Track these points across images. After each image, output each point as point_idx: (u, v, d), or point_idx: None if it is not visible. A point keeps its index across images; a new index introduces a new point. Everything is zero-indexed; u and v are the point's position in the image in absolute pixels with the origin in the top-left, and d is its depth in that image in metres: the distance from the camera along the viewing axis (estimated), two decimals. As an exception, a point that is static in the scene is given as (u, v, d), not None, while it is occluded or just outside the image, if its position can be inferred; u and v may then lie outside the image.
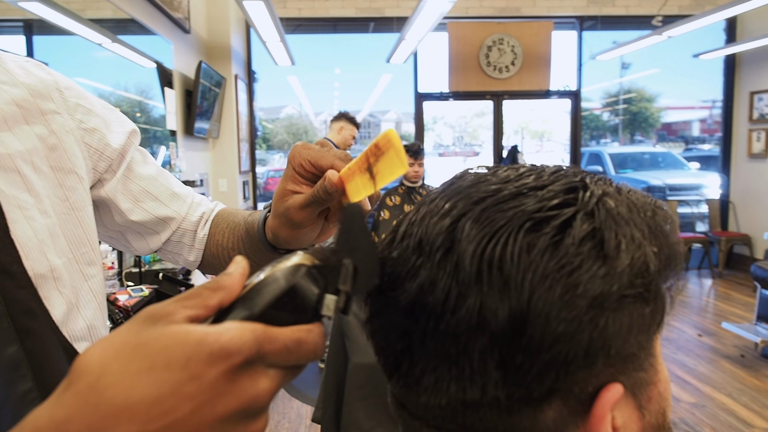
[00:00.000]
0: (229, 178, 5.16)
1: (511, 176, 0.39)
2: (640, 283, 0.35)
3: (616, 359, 0.35)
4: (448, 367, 0.36)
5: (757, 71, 6.06)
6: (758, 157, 6.09)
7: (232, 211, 0.83)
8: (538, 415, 0.35)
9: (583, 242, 0.34)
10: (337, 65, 10.32)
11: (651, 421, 0.39)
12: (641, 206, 0.38)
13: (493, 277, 0.34)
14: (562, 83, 6.14)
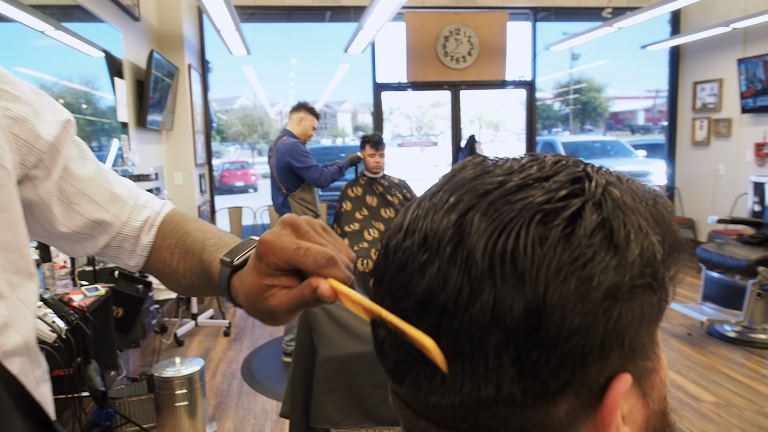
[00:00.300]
0: (185, 171, 5.03)
1: (515, 167, 0.39)
2: (649, 272, 0.35)
3: (628, 350, 0.35)
4: (462, 365, 0.35)
5: (700, 62, 6.31)
6: (701, 145, 6.35)
7: (182, 222, 0.75)
8: (551, 409, 0.35)
9: (594, 233, 0.34)
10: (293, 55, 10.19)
11: (654, 408, 0.39)
12: (642, 195, 0.38)
13: (506, 271, 0.33)
14: (517, 73, 6.23)
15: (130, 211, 0.73)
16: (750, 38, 5.61)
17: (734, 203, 5.81)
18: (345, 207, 3.71)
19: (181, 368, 2.75)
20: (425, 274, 0.36)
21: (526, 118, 6.37)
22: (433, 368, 0.36)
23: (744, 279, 3.90)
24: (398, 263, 0.38)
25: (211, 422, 2.97)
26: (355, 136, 11.90)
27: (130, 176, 3.90)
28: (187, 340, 4.26)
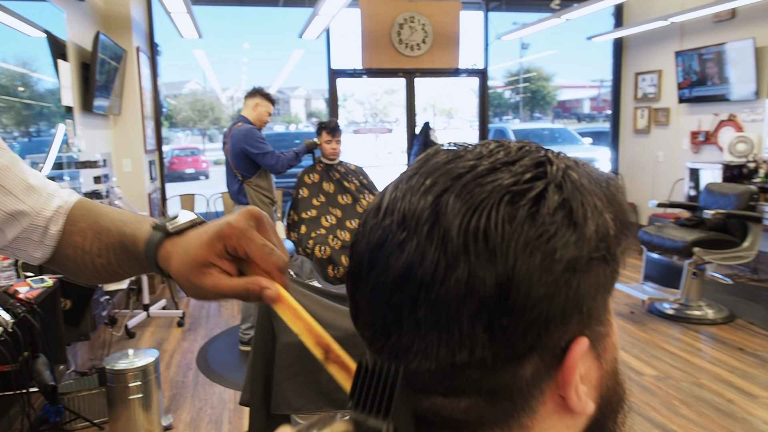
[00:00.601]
0: (134, 158, 4.90)
1: (484, 152, 0.42)
2: (603, 246, 0.39)
3: (585, 316, 0.40)
4: (438, 333, 0.38)
5: (641, 54, 6.56)
6: (642, 133, 6.63)
7: (93, 207, 0.73)
8: (518, 371, 0.39)
9: (556, 212, 0.38)
10: (246, 39, 9.95)
11: (607, 369, 0.44)
12: (597, 178, 0.43)
13: (479, 247, 0.37)
14: (470, 62, 6.32)
15: (44, 201, 0.71)
16: (686, 32, 5.87)
17: (672, 188, 6.10)
18: (302, 194, 3.71)
19: (135, 360, 2.70)
20: (404, 250, 0.39)
21: (478, 106, 6.48)
22: (411, 337, 0.39)
23: (681, 259, 4.13)
24: (377, 240, 0.41)
25: (167, 414, 2.95)
26: (309, 123, 11.78)
27: (77, 163, 3.78)
28: (138, 331, 4.18)
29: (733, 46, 5.23)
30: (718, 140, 5.61)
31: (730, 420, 2.71)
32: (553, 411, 0.42)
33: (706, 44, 5.54)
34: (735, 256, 4.06)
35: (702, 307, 4.13)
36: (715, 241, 4.05)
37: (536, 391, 0.40)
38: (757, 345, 3.60)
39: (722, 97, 5.48)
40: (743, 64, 5.17)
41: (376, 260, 0.41)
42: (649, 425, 2.67)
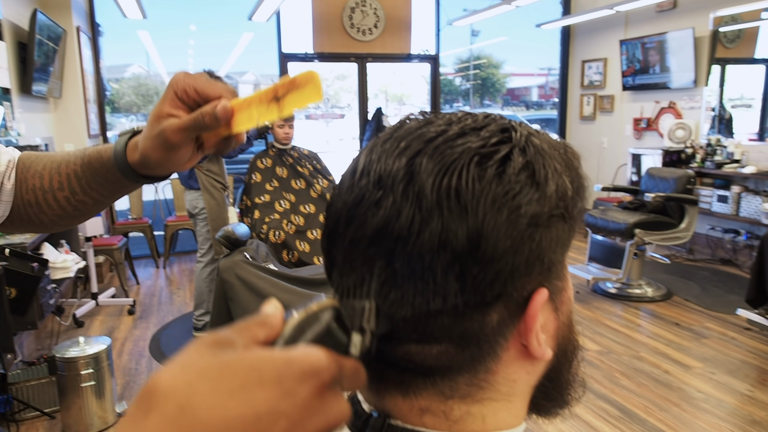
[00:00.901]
0: (77, 143, 4.72)
1: (453, 119, 0.46)
2: (562, 205, 0.44)
3: (546, 268, 0.44)
4: (414, 283, 0.41)
5: (588, 42, 6.76)
6: (588, 120, 6.85)
7: (41, 154, 0.75)
8: (485, 318, 0.43)
9: (521, 172, 0.42)
10: (192, 21, 9.62)
11: (563, 320, 0.49)
12: (555, 144, 0.47)
13: (452, 203, 0.40)
14: (421, 47, 6.36)
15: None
16: (630, 21, 6.08)
17: (616, 173, 6.34)
18: (254, 179, 3.68)
19: (86, 347, 2.65)
20: (381, 207, 0.42)
21: (430, 92, 6.54)
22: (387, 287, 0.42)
23: (623, 241, 4.32)
24: (354, 199, 0.44)
25: (121, 401, 2.90)
26: (259, 108, 11.65)
27: (17, 147, 3.62)
28: (87, 320, 4.07)
29: (674, 35, 5.45)
30: (658, 127, 5.86)
31: (667, 389, 2.88)
32: (515, 357, 0.46)
33: (648, 33, 5.76)
34: (673, 237, 4.28)
35: (642, 286, 4.34)
36: (655, 223, 4.25)
37: (501, 338, 0.44)
38: (691, 320, 3.82)
39: (663, 85, 5.72)
40: (683, 53, 5.41)
41: (353, 217, 0.44)
42: (593, 396, 2.81)
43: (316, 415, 0.33)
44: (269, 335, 0.37)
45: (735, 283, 4.49)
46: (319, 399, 0.33)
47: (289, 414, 0.31)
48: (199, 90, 0.59)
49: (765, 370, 3.07)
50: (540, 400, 0.51)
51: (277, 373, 0.32)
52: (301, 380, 0.32)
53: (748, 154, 5.04)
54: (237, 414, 0.30)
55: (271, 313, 0.38)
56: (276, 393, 0.31)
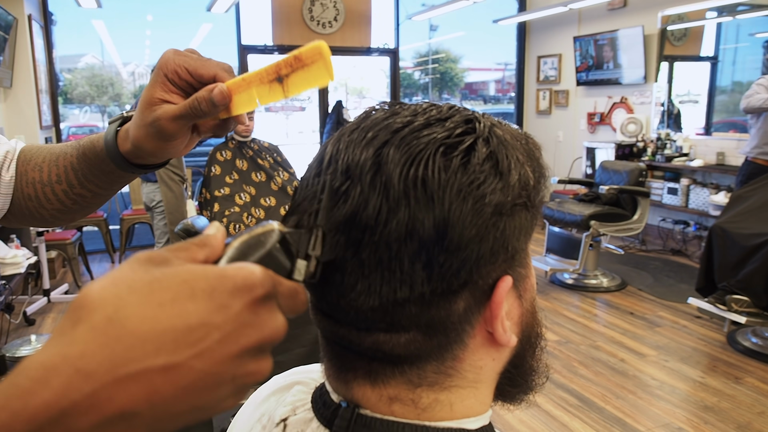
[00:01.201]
0: (29, 135, 4.54)
1: (418, 110, 0.47)
2: (525, 194, 0.45)
3: (510, 256, 0.45)
4: (381, 272, 0.42)
5: (543, 38, 6.90)
6: (544, 114, 7.00)
7: (42, 146, 0.73)
8: (452, 306, 0.44)
9: (485, 162, 0.43)
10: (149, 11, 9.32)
11: (527, 307, 0.50)
12: (517, 135, 0.48)
13: (418, 193, 0.41)
14: (381, 41, 6.36)
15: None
16: (583, 18, 6.23)
17: (571, 166, 6.50)
18: (214, 171, 3.61)
19: (38, 346, 2.57)
20: (348, 197, 0.42)
21: (390, 86, 6.55)
22: (355, 277, 0.42)
23: (579, 232, 4.44)
24: (322, 188, 0.44)
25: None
26: (216, 101, 11.41)
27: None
28: (38, 318, 3.92)
29: (625, 32, 5.62)
30: (611, 121, 6.04)
31: (623, 377, 2.98)
32: (481, 344, 0.47)
33: (601, 30, 5.91)
34: (626, 228, 4.43)
35: (598, 276, 4.47)
36: (609, 214, 4.39)
37: (467, 326, 0.45)
38: (645, 309, 3.96)
39: (615, 80, 5.88)
40: (633, 50, 5.58)
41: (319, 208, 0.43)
42: (552, 386, 2.89)
43: (250, 328, 0.33)
44: (209, 256, 0.36)
45: (685, 273, 4.68)
46: (252, 313, 0.33)
47: (222, 326, 0.31)
48: (192, 70, 0.55)
49: (715, 357, 3.21)
50: (505, 387, 0.53)
51: (210, 286, 0.32)
52: (234, 294, 0.32)
53: (695, 148, 5.24)
54: (167, 325, 0.30)
55: (212, 234, 0.38)
56: (208, 306, 0.31)
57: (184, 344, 0.30)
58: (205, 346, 0.31)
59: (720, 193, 4.76)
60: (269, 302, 0.34)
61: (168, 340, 0.30)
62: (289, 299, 0.37)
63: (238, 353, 0.32)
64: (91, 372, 0.28)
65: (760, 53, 5.44)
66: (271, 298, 0.34)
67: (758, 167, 3.99)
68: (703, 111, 5.81)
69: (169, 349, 0.30)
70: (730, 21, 5.52)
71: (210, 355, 0.31)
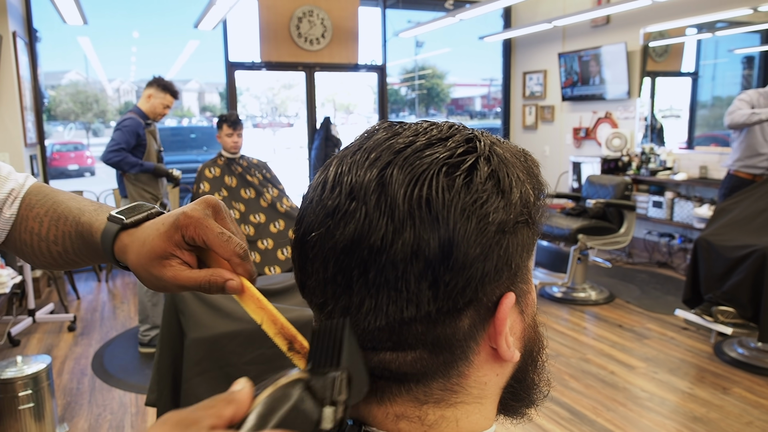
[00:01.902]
0: (13, 152, 4.49)
1: (419, 130, 0.47)
2: (526, 212, 0.45)
3: (513, 273, 0.46)
4: (388, 292, 0.42)
5: (528, 54, 6.99)
6: (530, 129, 7.07)
7: (50, 192, 0.71)
8: (457, 324, 0.44)
9: (487, 181, 0.44)
10: (135, 28, 9.31)
11: (528, 322, 0.51)
12: (516, 153, 0.49)
13: (423, 213, 0.42)
14: (368, 58, 6.42)
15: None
16: (568, 35, 6.34)
17: (558, 180, 6.56)
18: (203, 188, 3.60)
19: (24, 367, 2.51)
20: (354, 218, 0.43)
21: (378, 102, 6.59)
22: (361, 297, 0.43)
23: (567, 246, 4.48)
24: (326, 211, 0.44)
25: (62, 423, 2.77)
26: (203, 117, 11.34)
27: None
28: (23, 339, 3.86)
29: (608, 49, 5.71)
30: (596, 136, 6.11)
31: (613, 390, 2.99)
32: (485, 360, 0.47)
33: (585, 47, 6.01)
34: (613, 241, 4.47)
35: (586, 290, 4.50)
36: (596, 228, 4.43)
37: (472, 342, 0.46)
38: (633, 321, 3.99)
39: (600, 96, 5.97)
40: (617, 66, 5.67)
41: (326, 228, 0.44)
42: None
43: None
44: (237, 413, 0.37)
45: (672, 285, 4.72)
46: None
47: None
48: (210, 244, 0.53)
49: (703, 368, 3.24)
50: (508, 401, 0.53)
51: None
52: None
53: (679, 162, 5.32)
54: None
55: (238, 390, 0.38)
56: None
57: None
58: None
59: (704, 205, 4.83)
60: None
61: None
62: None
63: None
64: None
65: (739, 69, 5.57)
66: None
67: (740, 180, 4.06)
68: (685, 125, 5.91)
69: None
70: (709, 38, 5.64)
71: None
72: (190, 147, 9.11)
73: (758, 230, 3.23)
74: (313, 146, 5.90)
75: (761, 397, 2.87)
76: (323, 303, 0.46)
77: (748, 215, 3.36)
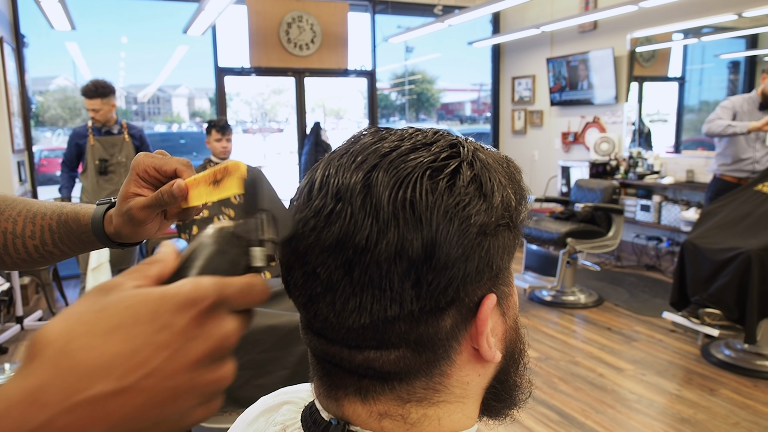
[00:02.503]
0: (1, 159, 4.46)
1: (404, 135, 0.49)
2: (507, 215, 0.47)
3: (494, 275, 0.47)
4: (372, 291, 0.43)
5: (517, 59, 7.04)
6: (519, 133, 7.12)
7: (16, 198, 0.78)
8: (440, 323, 0.45)
9: (469, 185, 0.45)
10: (124, 33, 9.27)
11: (510, 324, 0.52)
12: (498, 159, 0.51)
13: (407, 214, 0.43)
14: (358, 63, 6.44)
15: None
16: (556, 40, 6.39)
17: (547, 184, 6.61)
18: (192, 194, 3.60)
19: (12, 375, 2.49)
20: (339, 219, 0.44)
21: (367, 107, 6.61)
22: (346, 296, 0.44)
23: (556, 249, 4.51)
24: (312, 211, 0.46)
25: None
26: (193, 122, 11.32)
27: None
28: (11, 346, 3.82)
29: (596, 54, 5.77)
30: (585, 140, 6.16)
31: (602, 392, 3.01)
32: (467, 360, 0.49)
33: (572, 52, 6.07)
34: (602, 245, 4.50)
35: (575, 293, 4.53)
36: (585, 231, 4.46)
37: (454, 342, 0.47)
38: (621, 324, 4.02)
39: (588, 101, 6.03)
40: (604, 71, 5.73)
41: (312, 229, 0.45)
42: (533, 402, 2.90)
43: (197, 340, 0.35)
44: (162, 271, 0.38)
45: (660, 288, 4.76)
46: (198, 326, 0.35)
47: (168, 344, 0.34)
48: (157, 167, 0.65)
49: (690, 370, 3.27)
50: (491, 402, 0.54)
51: (152, 309, 0.34)
52: (176, 312, 0.34)
53: (666, 166, 5.38)
54: (114, 351, 0.32)
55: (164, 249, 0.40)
56: (151, 327, 0.33)
57: (132, 367, 0.33)
58: (154, 366, 0.33)
59: (690, 209, 4.88)
60: (216, 311, 0.36)
61: (116, 365, 0.32)
62: (243, 296, 0.38)
63: (190, 365, 0.34)
64: (46, 402, 0.31)
65: (725, 74, 5.64)
66: (217, 306, 0.36)
67: (726, 183, 4.11)
68: (672, 130, 5.97)
69: (118, 374, 0.32)
70: (695, 43, 5.71)
71: (160, 373, 0.33)
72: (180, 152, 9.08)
73: (744, 233, 3.27)
74: (303, 151, 5.90)
75: (748, 398, 2.90)
76: (308, 301, 0.47)
77: (734, 218, 3.41)
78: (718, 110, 3.99)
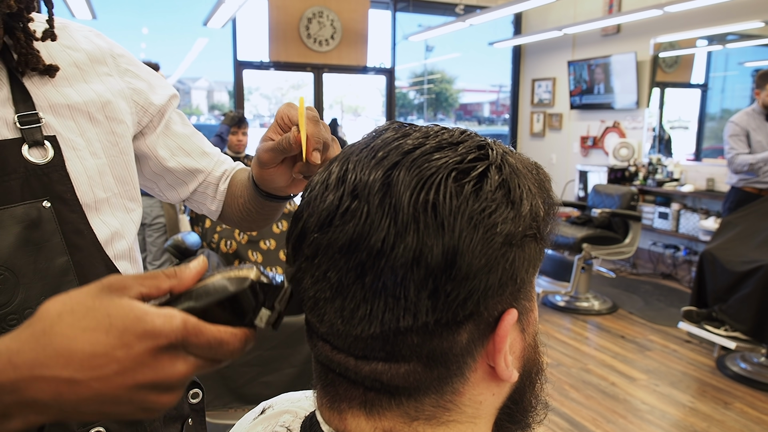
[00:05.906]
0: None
1: (430, 133, 0.45)
2: (535, 225, 0.44)
3: (517, 288, 0.44)
4: (385, 298, 0.40)
5: (538, 61, 6.97)
6: (538, 136, 7.05)
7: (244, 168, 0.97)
8: (455, 337, 0.42)
9: (497, 190, 0.42)
10: (144, 24, 9.34)
11: (529, 341, 0.49)
12: (528, 165, 0.47)
13: (428, 218, 0.40)
14: (377, 60, 6.41)
15: (214, 164, 0.95)
16: (578, 43, 6.32)
17: (564, 188, 6.53)
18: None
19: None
20: (354, 218, 0.41)
21: (386, 105, 6.58)
22: (356, 302, 0.41)
23: (572, 255, 4.45)
24: (326, 208, 0.42)
25: None
26: (211, 116, 11.38)
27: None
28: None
29: (618, 58, 5.69)
30: (604, 145, 6.08)
31: (614, 401, 2.96)
32: (482, 378, 0.45)
33: (594, 55, 5.99)
34: (618, 251, 4.44)
35: (589, 299, 4.47)
36: (601, 237, 4.40)
37: (469, 359, 0.44)
38: (636, 333, 3.96)
39: (608, 105, 5.94)
40: (626, 75, 5.65)
41: (325, 226, 0.42)
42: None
43: (146, 368, 0.39)
44: (174, 287, 0.41)
45: (675, 297, 4.68)
46: (152, 357, 0.39)
47: (121, 361, 0.38)
48: (290, 117, 0.74)
49: (705, 382, 3.20)
50: (504, 423, 0.51)
51: (123, 325, 0.38)
52: (140, 337, 0.38)
53: (686, 173, 5.29)
54: (80, 348, 0.38)
55: (190, 267, 0.42)
56: (116, 341, 0.38)
57: (88, 367, 0.38)
58: (103, 373, 0.38)
59: (710, 218, 4.79)
60: (173, 351, 0.40)
61: (77, 360, 0.38)
62: (208, 348, 0.40)
63: (133, 385, 0.39)
64: (19, 365, 0.38)
65: (749, 82, 5.53)
66: (175, 348, 0.40)
67: (746, 194, 4.02)
68: (693, 137, 5.87)
69: (75, 367, 0.38)
70: (719, 50, 5.61)
71: (107, 381, 0.39)
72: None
73: (764, 245, 3.19)
74: (319, 147, 5.89)
75: (763, 413, 2.83)
76: (314, 304, 0.44)
77: (755, 230, 3.33)
78: (730, 142, 3.83)
